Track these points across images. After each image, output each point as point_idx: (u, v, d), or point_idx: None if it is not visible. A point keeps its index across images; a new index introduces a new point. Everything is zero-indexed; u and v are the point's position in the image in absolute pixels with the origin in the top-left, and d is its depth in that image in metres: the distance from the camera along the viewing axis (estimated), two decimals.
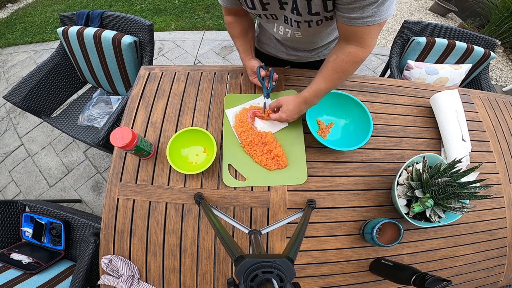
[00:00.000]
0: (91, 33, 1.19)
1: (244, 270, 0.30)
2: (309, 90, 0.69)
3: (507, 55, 2.61)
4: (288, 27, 0.69)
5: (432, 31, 1.31)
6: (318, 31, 0.71)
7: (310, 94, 0.69)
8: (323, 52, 0.92)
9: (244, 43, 0.83)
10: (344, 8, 0.53)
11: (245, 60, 0.85)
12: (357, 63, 0.62)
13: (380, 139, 0.86)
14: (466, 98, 0.98)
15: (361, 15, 0.51)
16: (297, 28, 0.66)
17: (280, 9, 0.62)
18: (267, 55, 0.99)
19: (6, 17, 3.12)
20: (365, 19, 0.52)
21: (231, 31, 0.81)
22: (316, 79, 0.68)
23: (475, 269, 0.79)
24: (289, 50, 0.90)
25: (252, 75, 0.86)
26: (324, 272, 0.72)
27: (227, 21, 0.79)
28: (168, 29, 2.59)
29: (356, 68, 0.63)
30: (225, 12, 0.77)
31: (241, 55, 0.86)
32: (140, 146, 0.69)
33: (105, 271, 0.70)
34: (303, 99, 0.71)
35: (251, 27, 0.84)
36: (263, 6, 0.62)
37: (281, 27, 0.71)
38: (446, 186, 0.63)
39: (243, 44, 0.83)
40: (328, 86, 0.67)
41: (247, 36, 0.83)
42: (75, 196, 1.71)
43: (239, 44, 0.83)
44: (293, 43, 0.84)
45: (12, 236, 1.11)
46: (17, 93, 1.24)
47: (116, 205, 0.75)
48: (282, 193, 0.76)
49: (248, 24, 0.82)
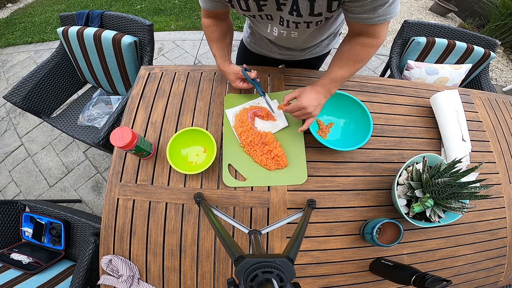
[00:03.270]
0: (91, 33, 1.19)
1: (244, 270, 0.30)
2: (325, 78, 0.68)
3: (507, 55, 2.61)
4: (283, 29, 0.68)
5: (432, 31, 1.31)
6: (316, 31, 0.71)
7: (327, 81, 0.68)
8: (315, 50, 0.92)
9: (222, 48, 0.79)
10: (356, 9, 0.53)
11: (224, 66, 0.81)
12: (371, 52, 0.62)
13: (380, 139, 0.86)
14: (466, 98, 0.98)
15: (373, 15, 0.53)
16: (294, 28, 0.65)
17: (277, 10, 0.60)
18: (259, 55, 0.98)
19: (6, 17, 3.11)
20: (377, 18, 0.53)
21: (209, 34, 0.78)
22: (330, 68, 0.67)
23: (475, 269, 0.79)
24: (282, 49, 0.90)
25: (235, 80, 0.81)
26: (324, 272, 0.72)
27: (206, 23, 0.76)
28: (168, 29, 2.59)
29: (372, 55, 0.63)
30: (204, 14, 0.74)
31: (218, 60, 0.81)
32: (140, 146, 0.69)
33: (105, 271, 0.70)
34: (321, 86, 0.69)
35: (230, 32, 0.81)
36: (259, 7, 0.60)
37: (275, 28, 0.70)
38: (446, 186, 0.63)
39: (221, 48, 0.79)
40: (344, 73, 0.66)
41: (225, 40, 0.80)
42: (75, 196, 1.71)
43: (216, 48, 0.79)
44: (286, 42, 0.83)
45: (12, 236, 1.11)
46: (17, 93, 1.24)
47: (116, 205, 0.75)
48: (282, 193, 0.76)
49: (227, 28, 0.79)
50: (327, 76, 0.68)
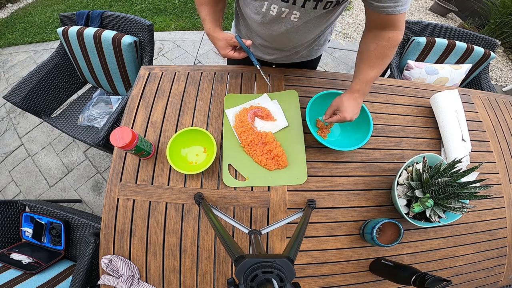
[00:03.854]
0: (91, 33, 1.19)
1: (244, 270, 0.30)
2: (358, 82, 0.69)
3: (507, 55, 2.61)
4: (286, 6, 0.62)
5: (432, 31, 1.31)
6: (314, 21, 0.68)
7: (361, 85, 0.69)
8: (304, 53, 0.89)
9: (213, 12, 0.71)
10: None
11: (215, 32, 0.71)
12: (396, 47, 0.65)
13: (380, 139, 0.86)
14: (466, 98, 0.98)
15: (396, 4, 0.56)
16: (300, 7, 0.61)
17: None
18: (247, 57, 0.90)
19: (6, 17, 3.11)
20: (400, 7, 0.57)
21: None
22: (361, 70, 0.68)
23: (475, 269, 0.79)
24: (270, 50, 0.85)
25: (226, 48, 0.71)
26: (324, 272, 0.72)
27: None
28: (168, 29, 2.59)
29: (395, 50, 0.66)
30: None
31: (207, 24, 0.71)
32: (140, 146, 0.69)
33: (105, 271, 0.70)
34: (357, 92, 0.70)
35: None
36: None
37: (274, 7, 0.63)
38: (446, 186, 0.63)
39: (212, 12, 0.71)
40: (376, 73, 0.68)
41: (218, 5, 0.73)
42: (75, 196, 1.71)
43: (207, 12, 0.70)
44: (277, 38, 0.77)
45: (12, 236, 1.11)
46: (17, 93, 1.24)
47: (116, 205, 0.75)
48: (282, 193, 0.76)
49: None
50: (361, 79, 0.68)
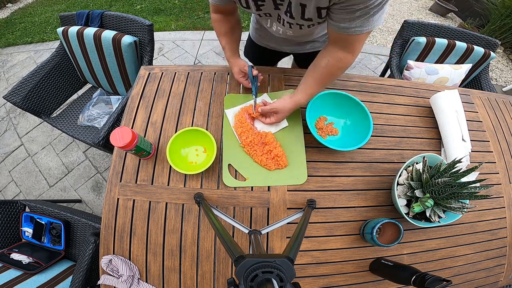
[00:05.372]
0: (91, 33, 1.19)
1: (244, 270, 0.30)
2: (303, 95, 0.74)
3: (507, 55, 2.61)
4: (280, 26, 0.72)
5: (432, 31, 1.31)
6: (310, 31, 0.75)
7: (307, 99, 0.74)
8: (315, 45, 0.96)
9: (231, 41, 0.82)
10: (335, 17, 0.55)
11: (232, 58, 0.84)
12: (345, 69, 0.68)
13: (380, 139, 0.86)
14: (466, 98, 0.98)
15: (350, 25, 0.54)
16: (288, 28, 0.69)
17: (275, 9, 0.63)
18: (265, 48, 1.03)
19: (6, 17, 3.11)
20: (354, 29, 0.55)
21: (218, 29, 0.81)
22: (310, 84, 0.72)
23: (475, 269, 0.79)
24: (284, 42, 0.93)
25: (239, 73, 0.84)
26: (324, 272, 0.72)
27: (214, 18, 0.79)
28: (168, 29, 2.59)
29: (341, 74, 0.71)
30: (212, 10, 0.77)
31: (227, 53, 0.84)
32: (140, 146, 0.69)
33: (105, 271, 0.70)
34: (299, 103, 0.75)
35: (238, 26, 0.84)
36: (258, 7, 0.63)
37: (274, 24, 0.74)
38: (446, 186, 0.63)
39: (230, 42, 0.82)
40: (320, 89, 0.74)
41: (234, 34, 0.83)
42: (75, 196, 1.71)
43: (225, 41, 0.82)
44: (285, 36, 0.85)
45: (12, 236, 1.11)
46: (17, 93, 1.24)
47: (116, 205, 0.75)
48: (282, 193, 0.76)
49: (236, 22, 0.81)
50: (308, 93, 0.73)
